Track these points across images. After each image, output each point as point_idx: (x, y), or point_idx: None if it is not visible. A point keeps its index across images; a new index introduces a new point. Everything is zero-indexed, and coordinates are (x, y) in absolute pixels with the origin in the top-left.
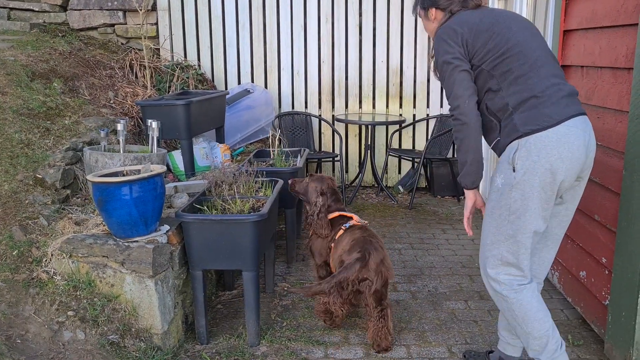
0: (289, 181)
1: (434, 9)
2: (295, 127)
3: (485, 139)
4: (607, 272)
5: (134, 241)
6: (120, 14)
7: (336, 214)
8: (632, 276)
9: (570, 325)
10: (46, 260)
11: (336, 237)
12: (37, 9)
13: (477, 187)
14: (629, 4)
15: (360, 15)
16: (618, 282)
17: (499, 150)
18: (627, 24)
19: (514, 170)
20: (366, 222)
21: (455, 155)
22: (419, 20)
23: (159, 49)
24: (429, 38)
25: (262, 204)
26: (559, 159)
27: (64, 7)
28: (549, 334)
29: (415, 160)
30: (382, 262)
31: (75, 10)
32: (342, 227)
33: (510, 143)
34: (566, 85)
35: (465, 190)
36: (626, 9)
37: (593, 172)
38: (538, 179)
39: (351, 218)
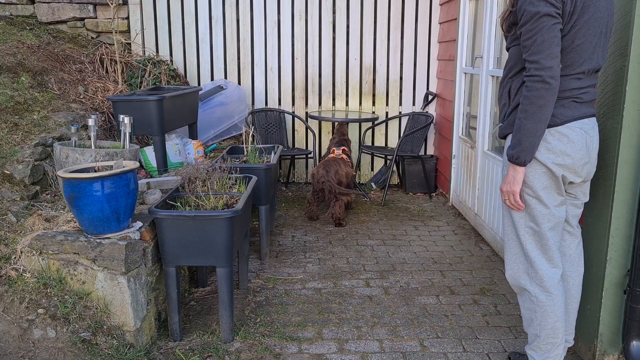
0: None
1: None
2: (269, 123)
3: (499, 108)
4: None
5: (106, 238)
6: (91, 7)
7: (333, 150)
8: (597, 270)
9: None
10: (15, 258)
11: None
12: (3, 1)
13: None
14: None
15: (334, 12)
16: (583, 276)
17: (500, 132)
18: None
19: None
20: (340, 152)
21: (520, 125)
22: (392, 18)
23: (130, 43)
24: (402, 36)
25: (236, 200)
26: (560, 156)
27: (32, 0)
28: (555, 343)
29: (388, 157)
30: (336, 172)
31: (44, 3)
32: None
33: (510, 134)
34: (594, 89)
35: (516, 167)
36: None
37: None
38: (540, 170)
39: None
